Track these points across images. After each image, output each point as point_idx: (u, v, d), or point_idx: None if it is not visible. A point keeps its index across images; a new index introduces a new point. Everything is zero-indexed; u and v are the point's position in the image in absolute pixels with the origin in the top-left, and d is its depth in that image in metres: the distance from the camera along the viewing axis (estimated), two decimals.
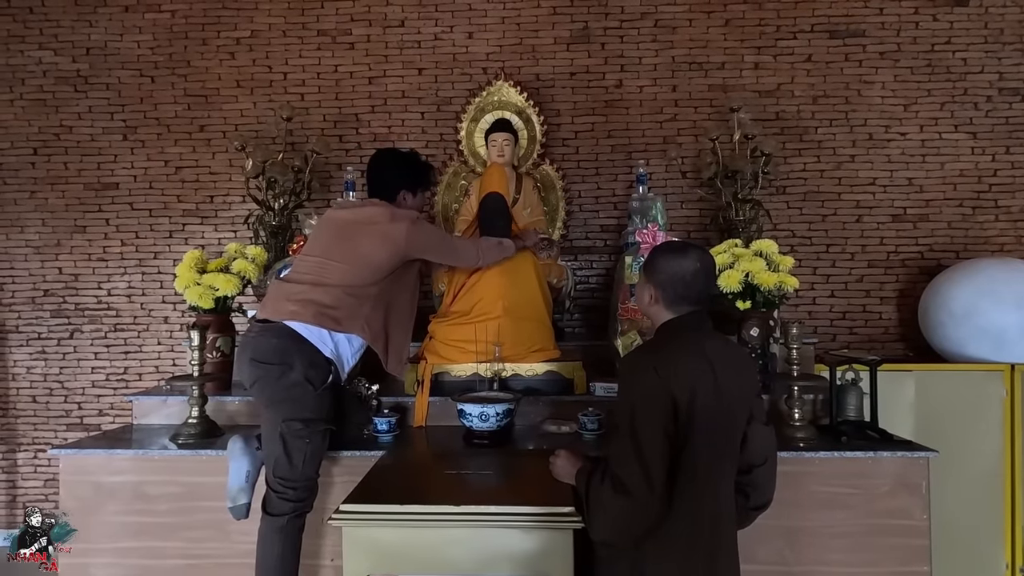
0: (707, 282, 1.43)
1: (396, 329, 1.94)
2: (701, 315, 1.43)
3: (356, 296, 1.82)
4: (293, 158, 3.26)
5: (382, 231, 1.86)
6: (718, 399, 1.32)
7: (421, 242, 1.92)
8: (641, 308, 1.51)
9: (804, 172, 3.44)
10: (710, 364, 1.33)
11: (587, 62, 3.48)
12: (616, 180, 3.50)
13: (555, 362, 2.40)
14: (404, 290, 1.97)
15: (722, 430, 1.36)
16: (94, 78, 3.55)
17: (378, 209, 1.90)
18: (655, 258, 1.44)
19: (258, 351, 1.76)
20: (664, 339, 1.41)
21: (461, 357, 2.36)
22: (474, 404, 1.97)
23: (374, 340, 1.86)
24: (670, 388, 1.28)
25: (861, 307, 3.43)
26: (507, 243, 2.29)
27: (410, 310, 2.01)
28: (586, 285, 3.49)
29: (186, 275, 2.47)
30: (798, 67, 3.43)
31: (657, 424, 1.28)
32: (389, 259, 1.87)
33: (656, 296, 1.41)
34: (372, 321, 1.85)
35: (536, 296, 2.48)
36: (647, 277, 1.44)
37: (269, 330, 1.78)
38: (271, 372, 1.73)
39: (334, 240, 1.90)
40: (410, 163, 2.09)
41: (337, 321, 1.78)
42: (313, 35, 3.52)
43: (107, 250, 3.56)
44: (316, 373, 1.76)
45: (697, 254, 1.42)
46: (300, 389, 1.73)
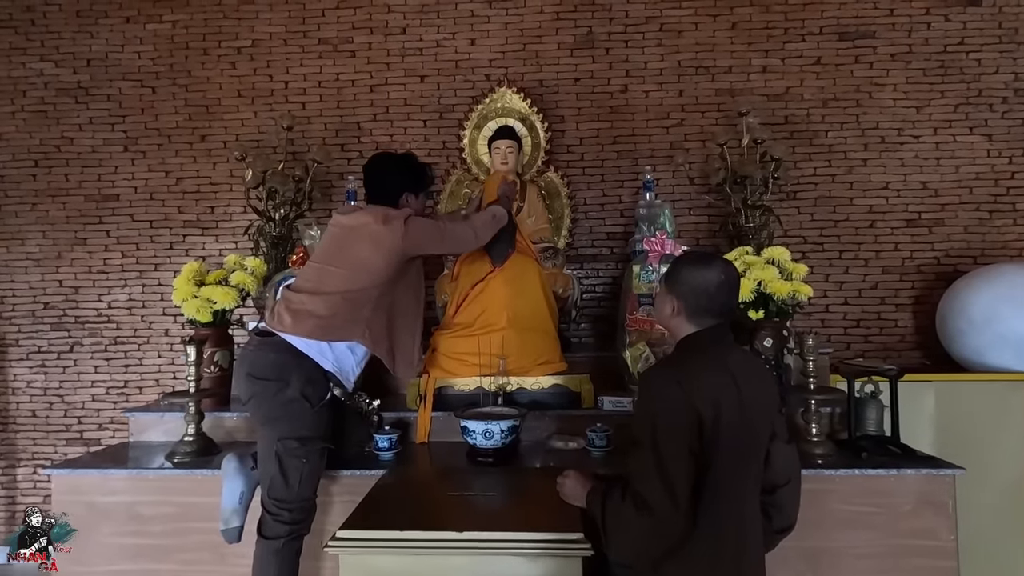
0: (731, 295, 1.39)
1: (401, 331, 1.88)
2: (724, 328, 1.39)
3: (355, 301, 1.76)
4: (294, 168, 3.22)
5: (376, 234, 1.80)
6: (742, 415, 1.28)
7: (418, 238, 1.86)
8: (660, 320, 1.46)
9: (815, 177, 3.36)
10: (733, 378, 1.29)
11: (591, 67, 3.42)
12: (622, 187, 3.43)
13: (561, 375, 2.33)
14: (407, 290, 1.91)
15: (746, 447, 1.31)
16: (95, 89, 3.53)
17: (371, 212, 1.84)
18: (678, 269, 1.39)
19: (255, 366, 1.70)
20: (686, 352, 1.36)
21: (465, 370, 2.29)
22: (478, 421, 1.90)
23: (376, 344, 1.79)
24: (694, 403, 1.24)
25: (876, 315, 3.33)
26: (497, 211, 2.21)
27: (415, 310, 1.95)
28: (592, 294, 3.42)
29: (184, 288, 2.42)
30: (807, 70, 3.36)
31: (681, 440, 1.24)
32: (387, 261, 1.81)
33: (678, 308, 1.36)
34: (374, 325, 1.79)
35: (541, 306, 2.41)
36: (669, 288, 1.39)
37: (267, 344, 1.72)
38: (267, 388, 1.67)
39: (333, 246, 1.86)
40: (409, 165, 2.04)
41: (335, 328, 1.73)
42: (314, 43, 3.49)
43: (107, 262, 3.52)
44: (313, 389, 1.69)
45: (722, 265, 1.38)
46: (297, 406, 1.67)
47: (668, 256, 2.45)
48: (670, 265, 1.46)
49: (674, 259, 1.50)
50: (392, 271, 1.83)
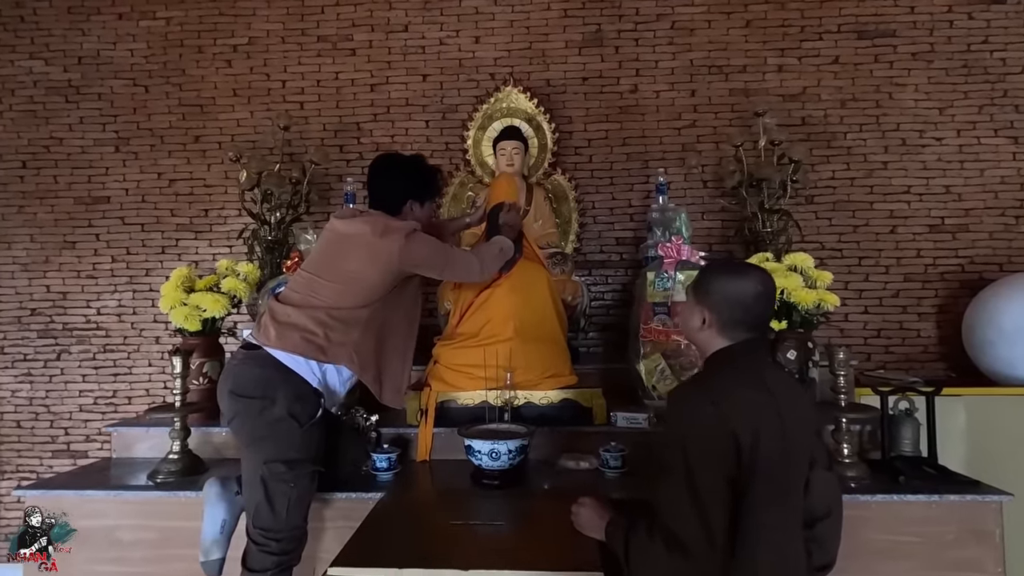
0: (768, 306, 1.27)
1: (391, 356, 1.73)
2: (759, 343, 1.28)
3: (343, 320, 1.62)
4: (291, 169, 3.09)
5: (372, 247, 1.65)
6: (782, 439, 1.15)
7: (417, 258, 1.71)
8: (687, 333, 1.34)
9: (833, 180, 3.22)
10: (773, 398, 1.17)
11: (600, 66, 3.30)
12: (632, 190, 3.30)
13: (572, 389, 2.18)
14: (400, 311, 1.76)
15: (787, 476, 1.18)
16: (86, 88, 3.41)
17: (370, 221, 1.69)
18: (710, 278, 1.28)
19: (237, 382, 1.57)
20: (719, 369, 1.24)
21: (468, 384, 2.15)
22: (484, 440, 1.76)
23: (363, 370, 1.64)
24: (731, 426, 1.12)
25: (897, 324, 3.19)
26: (504, 243, 2.05)
27: (408, 333, 1.79)
28: (601, 302, 3.28)
29: (172, 294, 2.29)
30: (824, 69, 3.23)
31: (717, 468, 1.11)
32: (381, 278, 1.66)
33: (710, 320, 1.24)
34: (362, 348, 1.64)
35: (550, 315, 2.27)
36: (699, 299, 1.27)
37: (252, 358, 1.59)
38: (251, 406, 1.53)
39: (326, 255, 1.71)
40: (416, 169, 1.87)
41: (321, 349, 1.58)
42: (313, 41, 3.37)
43: (97, 267, 3.39)
44: (302, 407, 1.55)
45: (759, 275, 1.26)
46: (284, 425, 1.52)
47: (684, 263, 2.32)
48: (699, 274, 1.35)
49: (704, 267, 1.39)
50: (386, 289, 1.68)
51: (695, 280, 1.34)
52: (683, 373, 2.28)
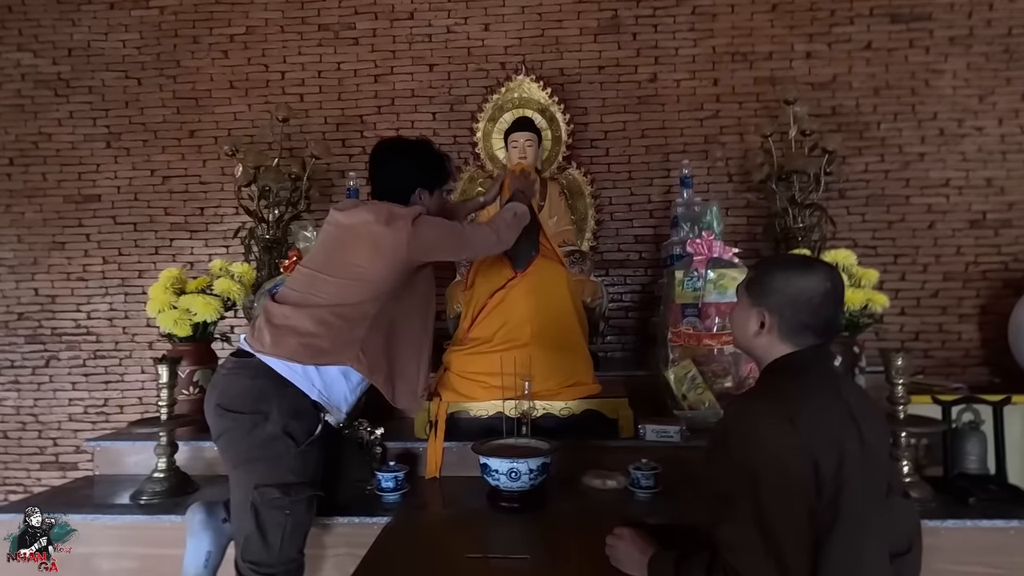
0: (837, 307, 1.10)
1: (404, 354, 1.54)
2: (826, 351, 1.10)
3: (347, 317, 1.44)
4: (290, 164, 2.92)
5: (377, 236, 1.47)
6: (864, 463, 0.98)
7: (428, 242, 1.53)
8: (741, 339, 1.15)
9: (866, 173, 3.03)
10: (851, 415, 1.00)
11: (617, 54, 3.12)
12: (651, 185, 3.11)
13: (595, 399, 1.99)
14: (412, 306, 1.57)
15: (872, 507, 1.00)
16: (76, 81, 3.25)
17: (373, 210, 1.51)
18: (770, 274, 1.11)
19: (226, 395, 1.39)
20: (787, 381, 1.05)
21: (482, 393, 1.97)
22: (502, 459, 1.57)
23: (372, 371, 1.46)
24: (811, 449, 0.94)
25: (936, 326, 2.99)
26: (518, 208, 1.86)
27: (422, 330, 1.61)
28: (619, 303, 3.09)
29: (160, 297, 2.12)
30: (856, 56, 3.04)
31: (796, 500, 0.94)
32: (389, 270, 1.49)
33: (770, 323, 1.07)
34: (369, 347, 1.46)
35: (570, 318, 2.08)
36: (756, 299, 1.10)
37: (243, 367, 1.41)
38: (240, 423, 1.35)
39: (327, 249, 1.53)
40: (425, 154, 1.69)
41: (323, 351, 1.40)
42: (313, 30, 3.20)
43: (87, 268, 3.22)
44: (300, 424, 1.37)
45: (827, 271, 1.09)
46: (278, 445, 1.34)
47: (716, 260, 2.13)
48: (755, 270, 1.16)
49: (761, 263, 1.21)
50: (394, 282, 1.51)
51: (750, 278, 1.16)
52: (715, 381, 2.09)
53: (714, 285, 2.11)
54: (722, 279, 2.11)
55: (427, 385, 1.64)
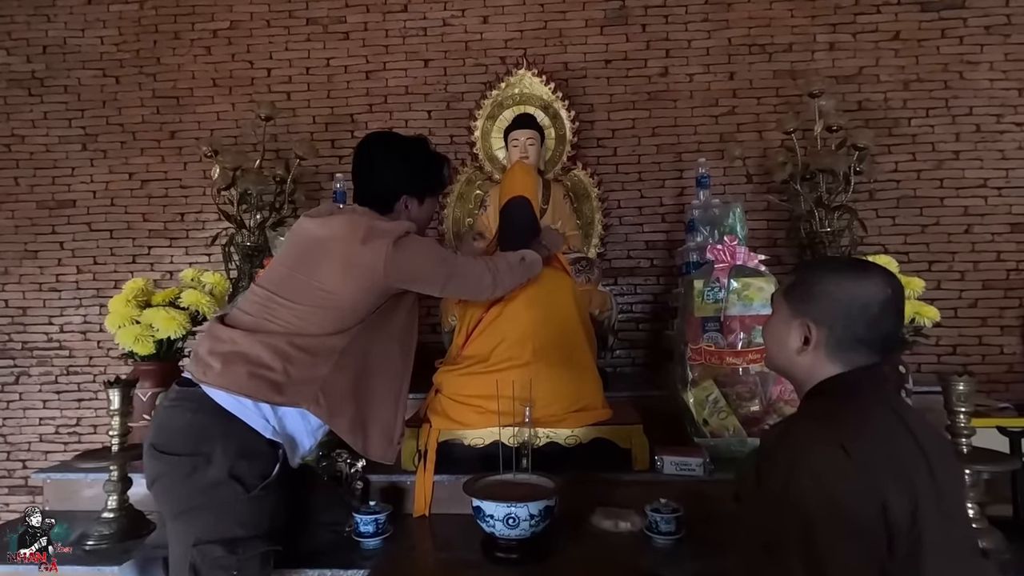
0: (897, 319, 0.93)
1: (377, 395, 1.32)
2: (880, 370, 0.92)
3: (309, 351, 1.22)
4: (275, 167, 2.72)
5: (349, 256, 1.26)
6: (938, 503, 0.79)
7: (409, 270, 1.31)
8: (779, 356, 0.98)
9: (896, 173, 2.80)
10: (919, 447, 0.81)
11: (625, 47, 2.91)
12: (663, 187, 2.89)
13: (606, 425, 1.76)
14: (390, 338, 1.36)
15: (952, 559, 0.79)
16: (51, 80, 3.07)
17: (349, 222, 1.30)
18: (818, 280, 0.94)
19: (160, 433, 1.17)
20: (839, 403, 0.87)
21: (477, 419, 1.74)
22: (498, 503, 1.34)
23: (332, 415, 1.23)
24: (876, 485, 0.75)
25: (976, 339, 2.75)
26: (531, 256, 1.66)
27: (401, 366, 1.39)
28: (629, 315, 2.86)
29: (121, 311, 1.91)
30: (884, 47, 2.82)
31: (859, 552, 0.75)
32: (363, 297, 1.27)
33: (818, 337, 0.91)
34: (332, 388, 1.24)
35: (577, 334, 1.86)
36: (799, 308, 0.94)
37: (184, 400, 1.19)
38: (177, 467, 1.13)
39: (290, 264, 1.31)
40: (416, 154, 1.47)
41: (276, 388, 1.18)
42: (301, 24, 3.01)
43: (61, 279, 3.03)
44: (250, 466, 1.15)
45: (885, 276, 0.92)
46: (224, 492, 1.12)
47: (741, 268, 1.91)
48: (799, 274, 0.99)
49: (805, 266, 1.05)
50: (368, 310, 1.29)
51: (792, 283, 0.98)
52: (741, 405, 1.86)
53: (738, 296, 1.89)
54: (747, 289, 1.88)
55: (404, 429, 1.41)
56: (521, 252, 1.63)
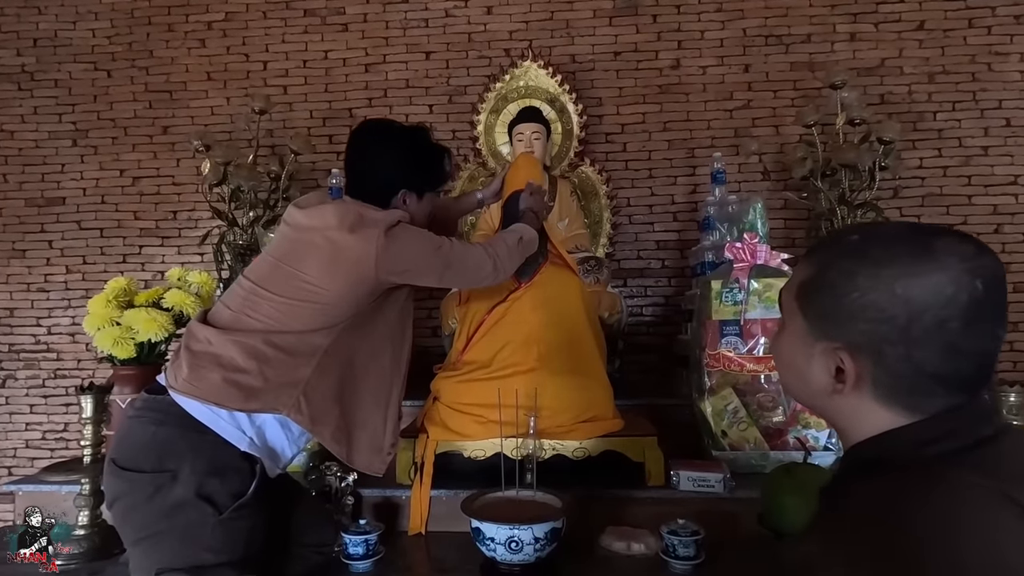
0: (996, 328, 0.57)
1: (365, 400, 1.20)
2: (986, 413, 0.59)
3: (289, 350, 1.11)
4: (269, 162, 2.61)
5: (336, 246, 1.15)
6: None
7: (401, 260, 1.19)
8: (798, 392, 0.66)
9: (921, 169, 2.66)
10: None
11: (635, 38, 2.79)
12: (675, 184, 2.77)
13: (617, 437, 1.64)
14: (381, 335, 1.24)
15: None
16: (41, 74, 2.97)
17: (338, 211, 1.18)
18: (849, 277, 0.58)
19: (121, 448, 1.05)
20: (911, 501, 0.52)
21: (478, 430, 1.62)
22: (500, 524, 1.22)
23: (315, 422, 1.11)
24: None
25: (1006, 345, 2.60)
26: (527, 232, 1.52)
27: (393, 366, 1.27)
28: (639, 318, 2.73)
29: (100, 312, 1.79)
30: (907, 37, 2.69)
31: None
32: (349, 291, 1.16)
33: (859, 373, 0.58)
34: (315, 391, 1.12)
35: (585, 338, 1.73)
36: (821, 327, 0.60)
37: (149, 410, 1.07)
38: (139, 486, 1.01)
39: (278, 255, 1.20)
40: (417, 145, 1.35)
41: (252, 393, 1.06)
42: (299, 16, 2.90)
43: (49, 279, 2.92)
44: (222, 484, 1.03)
45: (967, 256, 0.55)
46: (191, 514, 1.00)
47: (762, 268, 1.78)
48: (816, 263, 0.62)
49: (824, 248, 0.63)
50: (356, 307, 1.17)
51: (806, 279, 0.62)
52: (762, 415, 1.73)
53: (759, 297, 1.76)
54: (768, 290, 1.75)
55: (396, 441, 1.28)
56: (518, 231, 1.50)
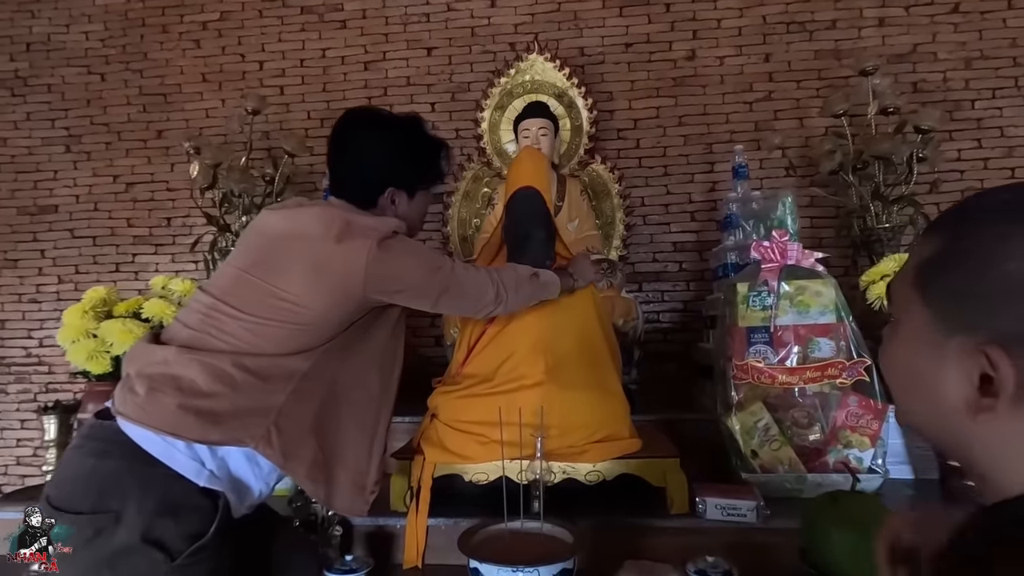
0: None
1: (347, 432, 1.05)
2: None
3: (261, 375, 0.96)
4: (263, 165, 2.50)
5: (320, 256, 1.00)
6: None
7: (394, 277, 1.04)
8: (920, 412, 0.51)
9: (959, 162, 2.48)
10: None
11: (647, 29, 2.64)
12: (692, 181, 2.60)
13: (634, 458, 1.47)
14: (369, 357, 1.09)
15: None
16: (34, 79, 2.90)
17: (323, 216, 1.04)
18: (995, 233, 0.45)
19: (60, 484, 0.92)
20: None
21: (479, 451, 1.46)
22: (501, 567, 1.06)
23: (288, 457, 0.96)
24: None
25: None
26: (547, 276, 1.36)
27: (379, 397, 1.11)
28: (655, 325, 2.57)
29: (76, 323, 1.67)
30: (941, 21, 2.51)
31: None
32: (334, 308, 1.01)
33: (1018, 377, 0.43)
34: (290, 421, 0.97)
35: (598, 348, 1.57)
36: (961, 317, 0.46)
37: (92, 439, 0.93)
38: (78, 529, 0.87)
39: (243, 264, 1.05)
40: (408, 136, 1.19)
41: (215, 420, 0.92)
42: (295, 14, 2.80)
43: (41, 289, 2.83)
44: (176, 525, 0.88)
45: None
46: (138, 561, 0.85)
47: (793, 268, 1.61)
48: (944, 237, 0.48)
49: (958, 219, 0.49)
50: (340, 325, 1.03)
51: (930, 259, 0.49)
52: (797, 433, 1.55)
53: (791, 301, 1.59)
54: (801, 293, 1.58)
55: (382, 475, 1.13)
56: (538, 270, 1.35)
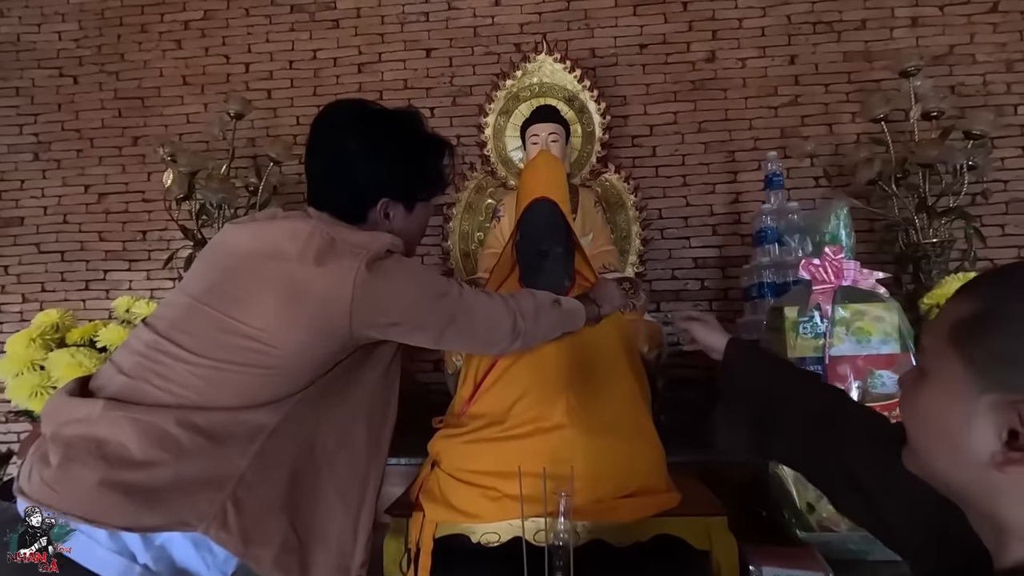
0: None
1: (325, 509, 0.83)
2: None
3: (213, 435, 0.74)
4: (248, 174, 2.29)
5: (296, 281, 0.79)
6: None
7: (388, 309, 0.83)
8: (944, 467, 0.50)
9: (1003, 171, 2.29)
10: None
11: (663, 29, 2.46)
12: (713, 192, 2.41)
13: (672, 515, 1.24)
14: (351, 411, 0.87)
15: None
16: (2, 82, 2.69)
17: (300, 233, 0.82)
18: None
19: None
20: None
21: (489, 508, 1.23)
22: None
23: (249, 543, 0.74)
24: None
25: None
26: (570, 304, 1.16)
27: (370, 455, 0.89)
28: (673, 348, 2.34)
29: (20, 353, 1.44)
30: (979, 21, 2.34)
31: None
32: (312, 346, 0.80)
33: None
34: (251, 494, 0.75)
35: (627, 383, 1.36)
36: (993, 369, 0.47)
37: None
38: None
39: (198, 292, 0.84)
40: (404, 135, 1.01)
41: (148, 501, 0.70)
42: (284, 12, 2.61)
43: (3, 308, 2.60)
44: None
45: None
46: None
47: (850, 289, 1.40)
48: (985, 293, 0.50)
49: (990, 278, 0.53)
50: (316, 369, 0.82)
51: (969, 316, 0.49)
52: None
53: (847, 328, 1.38)
54: (860, 319, 1.37)
55: (368, 554, 0.90)
56: (564, 299, 1.15)
